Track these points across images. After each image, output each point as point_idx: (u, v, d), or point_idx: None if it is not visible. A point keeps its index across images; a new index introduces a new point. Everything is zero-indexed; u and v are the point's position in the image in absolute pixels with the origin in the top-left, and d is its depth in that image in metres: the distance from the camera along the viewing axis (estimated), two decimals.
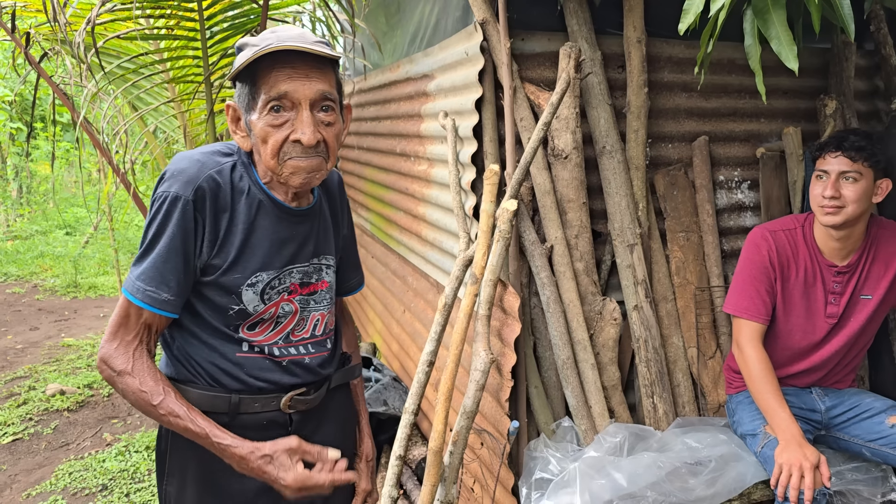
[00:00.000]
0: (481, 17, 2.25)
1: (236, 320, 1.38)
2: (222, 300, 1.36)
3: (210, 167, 1.32)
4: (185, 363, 1.41)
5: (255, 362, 1.41)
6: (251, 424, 1.42)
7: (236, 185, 1.35)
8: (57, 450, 3.77)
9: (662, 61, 2.46)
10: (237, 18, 3.58)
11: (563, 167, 2.27)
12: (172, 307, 1.32)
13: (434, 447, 2.02)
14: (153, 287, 1.29)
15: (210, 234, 1.32)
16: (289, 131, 1.28)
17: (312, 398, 1.48)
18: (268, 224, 1.37)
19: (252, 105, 1.30)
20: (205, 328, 1.39)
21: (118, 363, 1.30)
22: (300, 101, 1.28)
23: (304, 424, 1.49)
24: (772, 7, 1.67)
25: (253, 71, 1.28)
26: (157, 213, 1.29)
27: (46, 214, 10.85)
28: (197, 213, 1.30)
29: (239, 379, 1.40)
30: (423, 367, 2.29)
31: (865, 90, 2.84)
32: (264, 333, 1.42)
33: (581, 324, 2.27)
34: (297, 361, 1.46)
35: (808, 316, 2.19)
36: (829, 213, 2.05)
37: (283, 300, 1.42)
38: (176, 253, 1.29)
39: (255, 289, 1.37)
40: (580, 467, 2.03)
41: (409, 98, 3.12)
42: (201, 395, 1.39)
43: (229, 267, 1.34)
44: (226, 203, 1.33)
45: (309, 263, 1.46)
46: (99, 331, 5.89)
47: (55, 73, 4.29)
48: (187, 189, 1.28)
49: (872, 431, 2.14)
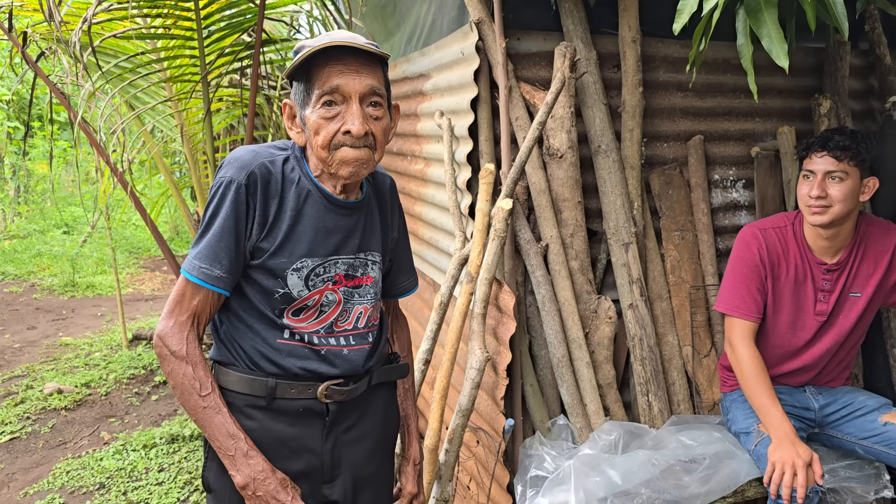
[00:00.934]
0: (477, 17, 2.26)
1: (281, 304, 1.43)
2: (269, 283, 1.42)
3: (264, 157, 1.41)
4: (230, 346, 1.47)
5: (293, 349, 1.46)
6: (288, 410, 1.46)
7: (287, 175, 1.43)
8: (54, 448, 3.77)
9: (658, 61, 2.47)
10: (234, 18, 3.59)
11: (558, 166, 2.28)
12: (224, 284, 1.39)
13: (429, 445, 2.03)
14: (207, 264, 1.36)
15: (260, 217, 1.39)
16: (340, 123, 1.36)
17: (350, 389, 1.51)
18: (315, 213, 1.43)
19: (307, 100, 1.39)
20: (251, 312, 1.45)
21: (173, 343, 1.37)
22: (350, 95, 1.36)
23: (341, 416, 1.52)
24: (764, 6, 1.69)
25: (308, 69, 1.37)
26: (214, 197, 1.38)
27: (44, 213, 10.84)
28: (249, 197, 1.37)
29: (277, 363, 1.45)
30: (418, 365, 2.30)
31: (860, 89, 2.85)
32: (308, 321, 1.47)
33: (576, 322, 2.28)
34: (336, 352, 1.49)
35: (798, 313, 2.20)
36: (816, 212, 2.06)
37: (328, 289, 1.47)
38: (229, 233, 1.37)
39: (301, 274, 1.43)
40: (575, 465, 2.04)
41: (406, 97, 3.13)
42: (241, 378, 1.45)
43: (276, 251, 1.40)
44: (276, 190, 1.40)
45: (354, 257, 1.51)
46: (97, 329, 5.89)
47: (52, 73, 4.29)
48: (241, 174, 1.37)
49: (865, 429, 2.15)
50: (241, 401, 1.46)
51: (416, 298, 3.21)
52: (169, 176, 4.98)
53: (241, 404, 1.46)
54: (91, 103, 3.85)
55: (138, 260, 8.71)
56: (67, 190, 11.79)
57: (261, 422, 1.46)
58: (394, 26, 3.36)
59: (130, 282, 7.62)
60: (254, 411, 1.46)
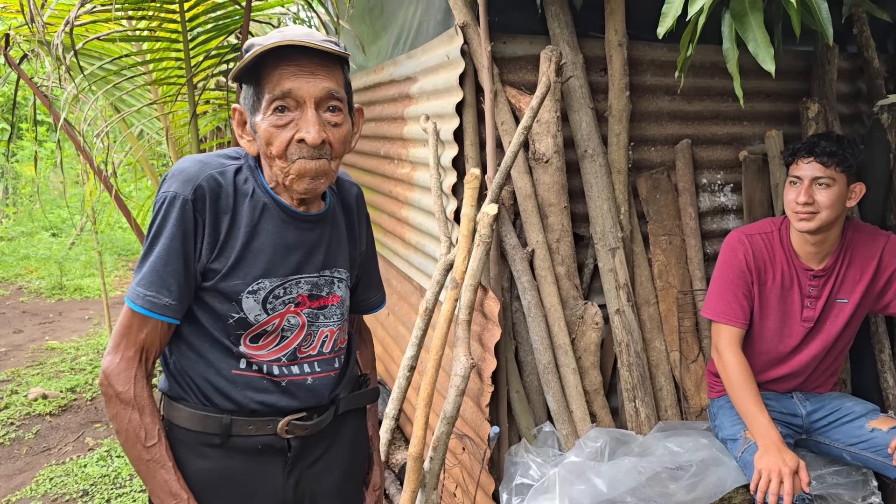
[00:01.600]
0: (462, 21, 2.24)
1: (237, 330, 1.31)
2: (222, 307, 1.29)
3: (212, 167, 1.28)
4: (180, 378, 1.34)
5: (250, 381, 1.33)
6: (245, 447, 1.35)
7: (240, 187, 1.30)
8: (38, 455, 3.73)
9: (644, 65, 2.45)
10: (220, 20, 3.56)
11: (544, 171, 2.26)
12: (174, 312, 1.26)
13: (414, 453, 2.01)
14: (153, 291, 1.24)
15: (210, 235, 1.27)
16: (293, 131, 1.23)
17: (314, 423, 1.39)
18: (272, 228, 1.31)
19: (257, 106, 1.26)
20: (203, 339, 1.32)
21: (119, 383, 1.24)
22: (305, 100, 1.23)
23: (306, 450, 1.41)
24: (749, 10, 1.67)
25: (258, 71, 1.24)
26: (157, 214, 1.25)
27: (32, 216, 10.76)
28: (196, 214, 1.25)
29: (231, 398, 1.32)
30: (403, 371, 2.28)
31: (848, 93, 2.84)
32: (268, 348, 1.34)
33: (563, 328, 2.26)
34: (299, 383, 1.37)
35: (785, 320, 2.19)
36: (803, 218, 2.04)
37: (289, 312, 1.35)
38: (176, 255, 1.24)
39: (257, 297, 1.30)
40: (560, 473, 2.02)
41: (393, 100, 3.11)
42: (192, 415, 1.33)
43: (229, 272, 1.28)
44: (227, 204, 1.28)
45: (319, 275, 1.39)
46: (84, 333, 5.84)
47: (35, 75, 4.25)
48: (186, 188, 1.24)
49: (853, 435, 2.14)
50: (194, 438, 1.33)
51: (403, 303, 3.19)
52: (155, 179, 4.94)
53: (194, 442, 1.33)
54: (75, 106, 3.81)
55: (126, 263, 8.64)
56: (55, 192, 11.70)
57: (215, 461, 1.34)
58: (381, 28, 3.33)
59: (118, 285, 7.56)
60: (207, 450, 1.33)
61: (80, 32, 3.58)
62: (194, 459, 1.33)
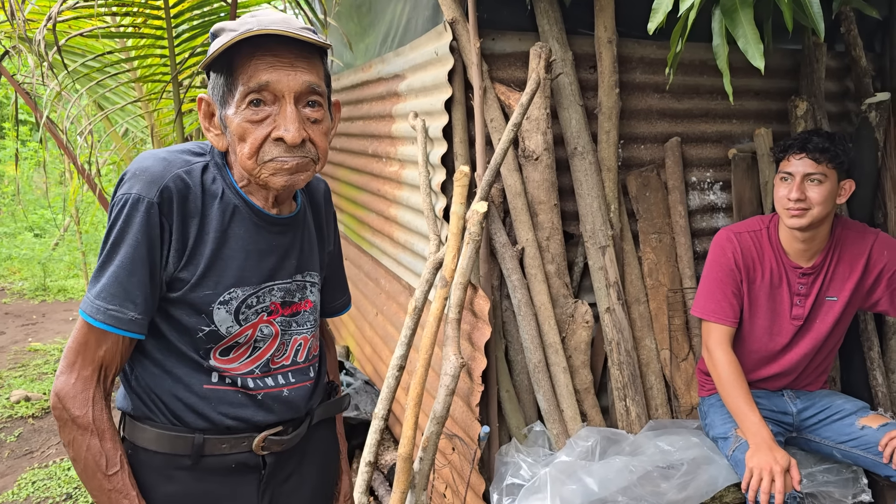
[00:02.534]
0: (451, 17, 2.22)
1: (207, 343, 1.21)
2: (191, 320, 1.19)
3: (178, 166, 1.17)
4: (145, 396, 1.23)
5: (224, 396, 1.24)
6: (217, 468, 1.25)
7: (208, 187, 1.18)
8: (20, 458, 3.67)
9: (634, 62, 2.44)
10: (205, 17, 3.52)
11: (533, 168, 2.25)
12: (139, 327, 1.15)
13: (404, 453, 1.98)
14: (115, 305, 1.12)
15: (177, 242, 1.15)
16: (270, 128, 1.13)
17: (290, 437, 1.31)
18: (243, 233, 1.21)
19: (228, 98, 1.14)
20: (170, 354, 1.22)
21: (75, 406, 1.13)
22: (283, 94, 1.12)
23: (279, 466, 1.33)
24: (739, 6, 1.66)
25: (230, 59, 1.12)
26: (118, 218, 1.13)
27: (14, 216, 10.62)
28: (163, 218, 1.13)
29: (204, 416, 1.22)
30: (392, 371, 2.25)
31: (836, 91, 2.85)
32: (240, 360, 1.25)
33: (553, 327, 2.24)
34: (275, 395, 1.28)
35: (775, 318, 2.19)
36: (794, 215, 2.04)
37: (262, 321, 1.25)
38: (141, 264, 1.12)
39: (229, 307, 1.21)
40: (551, 472, 2.01)
41: (381, 98, 3.08)
42: (160, 436, 1.22)
43: (199, 281, 1.18)
44: (195, 207, 1.17)
45: (292, 280, 1.30)
46: (67, 335, 5.76)
47: (17, 72, 4.19)
48: (151, 190, 1.12)
49: (843, 433, 2.14)
50: (161, 461, 1.22)
51: (392, 302, 3.16)
52: None
53: (161, 465, 1.22)
54: (58, 104, 3.76)
55: None
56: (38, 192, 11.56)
57: (185, 484, 1.23)
58: (369, 25, 3.31)
59: None
60: (176, 472, 1.23)
61: (63, 29, 3.53)
62: (162, 484, 1.23)
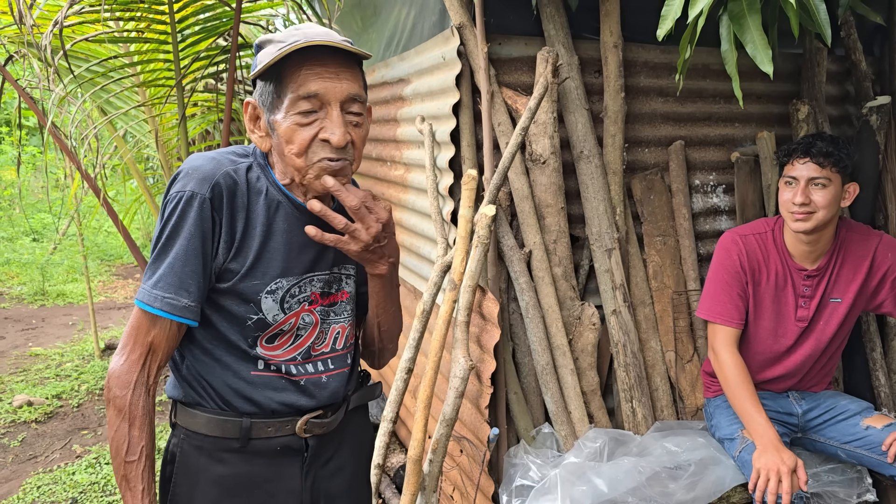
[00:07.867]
0: (458, 22, 2.24)
1: (255, 332, 1.31)
2: (240, 309, 1.29)
3: (226, 165, 1.27)
4: (195, 384, 1.33)
5: (269, 382, 1.34)
6: (264, 450, 1.35)
7: (253, 185, 1.29)
8: (24, 463, 3.66)
9: (639, 66, 2.46)
10: (209, 21, 3.53)
11: (541, 172, 2.27)
12: (193, 314, 1.25)
13: (413, 455, 2.00)
14: (172, 293, 1.22)
15: (227, 235, 1.26)
16: (317, 129, 1.23)
17: (330, 421, 1.40)
18: (287, 227, 1.31)
19: (277, 104, 1.24)
20: (219, 343, 1.32)
21: (117, 386, 1.22)
22: (330, 102, 1.23)
23: (320, 450, 1.42)
24: (747, 12, 1.68)
25: (279, 69, 1.22)
26: (172, 213, 1.23)
27: (13, 220, 10.61)
28: (214, 213, 1.24)
29: (252, 400, 1.32)
30: (401, 374, 2.27)
31: (837, 95, 2.88)
32: (283, 347, 1.35)
33: (560, 329, 2.26)
34: (315, 381, 1.38)
35: (779, 320, 2.21)
36: (799, 219, 2.06)
37: (304, 310, 1.36)
38: (195, 255, 1.23)
39: (275, 296, 1.31)
40: (561, 473, 2.02)
41: (385, 102, 3.10)
42: (210, 420, 1.32)
43: (248, 272, 1.28)
44: (242, 203, 1.27)
45: (329, 272, 1.39)
46: (68, 339, 5.76)
47: (21, 77, 4.19)
48: (203, 186, 1.23)
49: (848, 433, 2.16)
50: (212, 444, 1.33)
51: None
52: (142, 182, 4.88)
53: (211, 448, 1.33)
54: (62, 108, 3.76)
55: (110, 267, 8.55)
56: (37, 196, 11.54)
57: (233, 466, 1.33)
58: (372, 30, 3.33)
59: (102, 290, 7.47)
60: (226, 455, 1.33)
61: (68, 34, 3.54)
62: (213, 466, 1.33)
